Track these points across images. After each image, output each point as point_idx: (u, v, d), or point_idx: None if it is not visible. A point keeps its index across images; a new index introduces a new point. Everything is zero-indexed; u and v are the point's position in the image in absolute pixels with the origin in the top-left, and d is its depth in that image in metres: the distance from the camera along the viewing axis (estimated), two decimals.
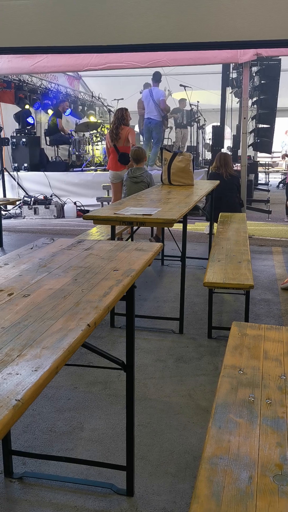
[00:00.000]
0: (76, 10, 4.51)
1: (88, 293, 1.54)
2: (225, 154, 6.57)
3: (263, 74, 8.30)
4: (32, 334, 1.23)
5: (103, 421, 2.48)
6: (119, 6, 4.44)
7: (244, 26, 4.32)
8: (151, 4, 4.40)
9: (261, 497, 1.16)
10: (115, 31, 4.50)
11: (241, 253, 4.01)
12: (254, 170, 10.53)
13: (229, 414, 1.50)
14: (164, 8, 4.39)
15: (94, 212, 3.51)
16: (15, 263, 1.89)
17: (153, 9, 4.40)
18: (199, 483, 1.21)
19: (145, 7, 4.41)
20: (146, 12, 4.40)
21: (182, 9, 4.37)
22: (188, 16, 4.38)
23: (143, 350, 3.31)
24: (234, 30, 4.35)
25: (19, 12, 4.58)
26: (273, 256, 5.83)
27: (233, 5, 4.30)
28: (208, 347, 3.37)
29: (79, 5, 4.51)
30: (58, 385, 2.83)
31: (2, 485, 2.06)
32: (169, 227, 3.34)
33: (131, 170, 5.56)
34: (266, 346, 1.99)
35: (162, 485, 2.04)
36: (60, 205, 8.61)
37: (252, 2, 4.26)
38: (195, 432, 2.39)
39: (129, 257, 1.97)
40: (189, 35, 4.44)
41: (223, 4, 4.32)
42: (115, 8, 4.45)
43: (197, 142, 11.23)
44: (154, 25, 4.42)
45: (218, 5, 4.33)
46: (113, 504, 1.94)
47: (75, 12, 4.51)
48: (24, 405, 0.93)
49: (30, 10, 4.56)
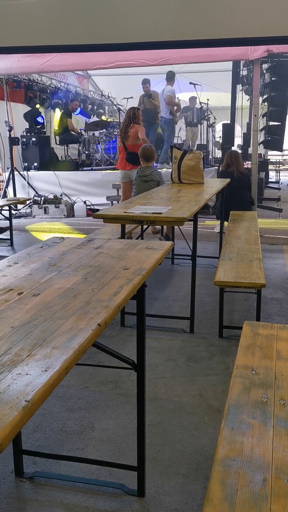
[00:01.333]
0: (85, 8, 4.49)
1: (99, 292, 1.52)
2: (235, 152, 6.52)
3: (274, 71, 8.23)
4: (42, 333, 1.21)
5: (113, 421, 2.47)
6: (128, 3, 4.42)
7: (255, 23, 4.28)
8: (161, 1, 4.37)
9: (275, 500, 1.14)
10: (124, 29, 4.47)
11: (252, 251, 3.97)
12: (264, 168, 10.46)
13: (242, 415, 1.47)
14: (174, 5, 4.36)
15: (104, 211, 3.50)
16: (25, 262, 1.88)
17: (162, 7, 4.37)
18: (212, 486, 1.18)
19: (154, 4, 4.38)
20: (156, 9, 4.38)
21: (192, 6, 4.34)
22: (198, 13, 4.35)
23: (154, 349, 3.29)
24: (245, 27, 4.31)
25: (28, 11, 4.58)
26: (285, 254, 5.78)
27: (243, 2, 4.26)
28: (219, 347, 3.34)
29: (88, 3, 4.49)
30: (69, 384, 2.82)
31: (13, 484, 2.06)
32: (180, 225, 3.32)
33: (141, 169, 5.54)
34: (279, 346, 1.96)
35: (174, 485, 2.02)
36: (70, 204, 8.61)
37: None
38: (207, 433, 2.37)
39: (139, 256, 1.95)
40: (199, 32, 4.41)
41: (233, 0, 4.27)
42: (124, 6, 4.43)
43: (207, 140, 11.18)
44: (164, 23, 4.39)
45: (228, 1, 4.29)
46: (124, 505, 1.92)
47: (84, 10, 4.50)
48: (34, 406, 0.91)
49: (39, 9, 4.55)
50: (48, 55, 7.68)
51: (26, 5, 4.54)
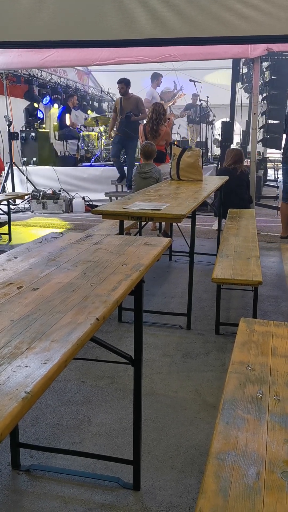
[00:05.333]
0: (87, 4, 4.49)
1: (97, 287, 1.54)
2: (240, 150, 6.51)
3: (273, 70, 8.25)
4: (41, 327, 1.23)
5: (110, 415, 2.49)
6: (130, 0, 4.42)
7: (256, 21, 4.29)
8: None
9: (268, 493, 1.16)
10: (125, 25, 4.48)
11: (249, 249, 3.99)
12: (263, 166, 10.47)
13: (237, 410, 1.50)
14: (175, 3, 4.36)
15: (102, 207, 3.51)
16: (24, 257, 1.89)
17: (163, 4, 4.37)
18: (207, 478, 1.20)
19: (155, 2, 4.38)
20: (157, 6, 4.38)
21: (193, 3, 4.35)
22: (199, 10, 4.35)
23: (151, 345, 3.31)
24: (245, 25, 4.32)
25: (29, 6, 4.57)
26: (282, 253, 5.80)
27: (244, 0, 4.27)
28: (215, 343, 3.36)
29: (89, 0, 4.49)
30: (66, 379, 2.84)
31: (10, 477, 2.08)
32: (178, 222, 3.33)
33: (140, 166, 5.55)
34: (274, 342, 1.98)
35: (169, 479, 2.05)
36: (68, 200, 8.62)
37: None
38: (202, 428, 2.39)
39: (137, 252, 1.97)
40: (200, 30, 4.41)
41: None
42: (126, 2, 4.43)
43: (206, 138, 11.18)
44: (165, 20, 4.39)
45: (229, 0, 4.30)
46: (120, 498, 1.95)
47: (86, 6, 4.50)
48: (33, 397, 0.93)
49: (40, 4, 4.55)
50: (49, 50, 7.67)
51: (27, 0, 4.54)
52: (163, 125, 6.23)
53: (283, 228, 6.40)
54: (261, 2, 4.23)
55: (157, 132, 6.18)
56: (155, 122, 6.11)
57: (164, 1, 4.36)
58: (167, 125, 6.31)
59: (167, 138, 6.36)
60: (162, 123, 6.17)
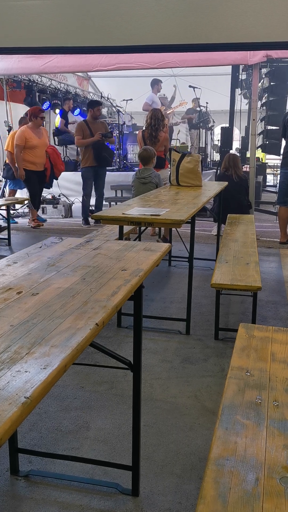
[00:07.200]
0: (87, 11, 4.52)
1: (97, 292, 1.54)
2: (233, 155, 6.55)
3: (272, 76, 8.29)
4: (41, 332, 1.23)
5: (109, 421, 2.49)
6: (129, 7, 4.45)
7: (255, 28, 4.32)
8: (161, 5, 4.40)
9: (267, 499, 1.16)
10: (125, 32, 4.50)
11: (249, 254, 4.00)
12: (262, 172, 10.50)
13: (236, 416, 1.50)
14: (174, 10, 4.39)
15: (102, 212, 3.52)
16: (24, 262, 1.89)
17: (163, 11, 4.40)
18: (206, 484, 1.20)
19: (155, 8, 4.41)
20: (156, 13, 4.41)
21: (193, 10, 4.37)
22: (198, 17, 4.38)
23: (150, 350, 3.31)
24: (245, 32, 4.35)
25: (30, 12, 4.60)
26: (281, 258, 5.81)
27: (243, 7, 4.30)
28: (214, 349, 3.36)
29: (90, 6, 4.52)
30: (65, 384, 2.83)
31: (8, 482, 2.07)
32: (177, 227, 3.34)
33: (139, 171, 5.56)
34: (273, 348, 1.98)
35: (168, 485, 2.04)
36: (68, 205, 8.62)
37: (262, 4, 4.26)
38: (201, 434, 2.39)
39: (137, 257, 1.97)
40: (199, 37, 4.44)
41: (233, 6, 4.31)
42: (126, 9, 4.46)
43: (206, 143, 11.21)
44: (164, 26, 4.42)
45: (229, 6, 4.33)
46: (118, 504, 1.94)
47: (86, 12, 4.53)
48: (33, 402, 0.93)
49: (41, 11, 4.58)
50: (49, 56, 7.71)
51: (28, 6, 4.57)
52: (162, 131, 6.25)
53: (281, 233, 6.41)
54: (260, 9, 4.26)
55: (156, 138, 6.21)
56: (154, 128, 6.12)
57: (163, 8, 4.39)
58: (165, 130, 6.34)
59: (166, 143, 6.38)
60: (161, 129, 6.19)
